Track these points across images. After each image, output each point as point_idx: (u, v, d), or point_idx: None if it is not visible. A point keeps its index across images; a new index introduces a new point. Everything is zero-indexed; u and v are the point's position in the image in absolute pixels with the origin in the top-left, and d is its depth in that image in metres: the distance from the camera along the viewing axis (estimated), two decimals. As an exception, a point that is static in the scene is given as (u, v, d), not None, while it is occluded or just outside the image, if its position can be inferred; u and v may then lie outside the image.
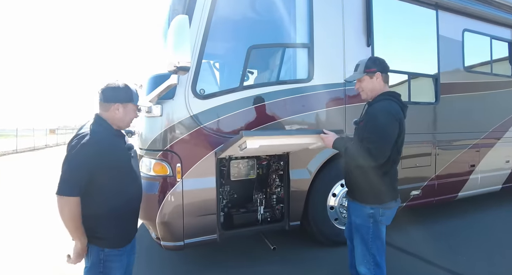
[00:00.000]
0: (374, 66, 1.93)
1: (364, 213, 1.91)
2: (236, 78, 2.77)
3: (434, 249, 3.30)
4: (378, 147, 1.76)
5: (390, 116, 1.81)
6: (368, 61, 1.95)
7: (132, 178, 1.67)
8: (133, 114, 1.68)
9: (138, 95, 1.70)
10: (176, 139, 2.55)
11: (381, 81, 1.94)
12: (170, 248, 2.65)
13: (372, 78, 1.93)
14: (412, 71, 3.77)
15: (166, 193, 2.53)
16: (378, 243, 1.91)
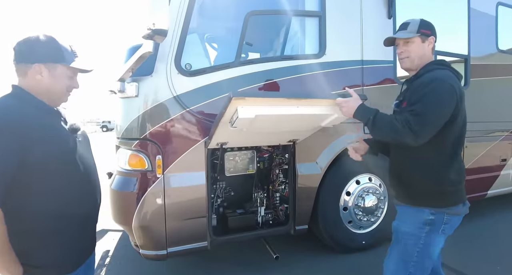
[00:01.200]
0: (428, 29, 1.50)
1: (419, 218, 1.42)
2: (231, 51, 2.26)
3: (463, 256, 2.81)
4: (422, 121, 1.30)
5: (448, 86, 1.34)
6: (422, 21, 1.51)
7: (80, 174, 1.18)
8: (67, 81, 1.17)
9: (75, 53, 1.19)
10: (155, 126, 2.07)
11: (431, 49, 1.53)
12: (151, 258, 2.20)
13: (424, 43, 1.50)
14: (439, 49, 3.21)
15: (144, 191, 2.06)
16: (425, 262, 1.42)
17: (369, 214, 2.84)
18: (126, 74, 1.96)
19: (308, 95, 1.56)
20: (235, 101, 1.35)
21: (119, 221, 2.20)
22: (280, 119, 1.64)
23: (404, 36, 1.51)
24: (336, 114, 1.63)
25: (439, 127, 1.34)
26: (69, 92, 1.21)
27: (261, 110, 1.45)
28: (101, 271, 2.66)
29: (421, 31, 1.47)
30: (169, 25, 2.04)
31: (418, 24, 1.49)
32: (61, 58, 1.12)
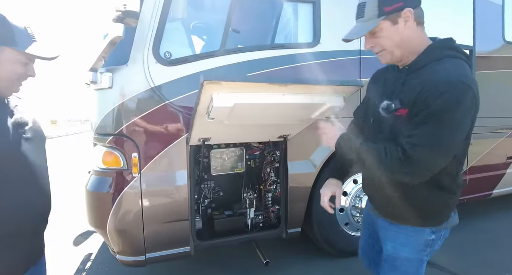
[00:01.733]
0: (394, 1, 1.01)
1: (420, 240, 1.15)
2: (216, 39, 2.06)
3: (466, 261, 2.62)
4: (434, 156, 0.96)
5: (470, 94, 0.94)
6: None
7: (21, 174, 0.99)
8: (18, 68, 0.98)
9: (31, 37, 0.99)
10: (131, 120, 1.88)
11: (415, 25, 1.04)
12: (129, 264, 2.02)
13: (397, 24, 1.03)
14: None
15: (119, 192, 1.88)
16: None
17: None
18: (97, 63, 1.76)
19: (294, 80, 1.33)
20: (208, 86, 1.15)
21: (93, 225, 2.02)
22: (264, 110, 1.45)
23: (362, 33, 1.07)
24: (328, 103, 1.43)
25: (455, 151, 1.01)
26: (21, 80, 1.03)
27: (240, 98, 1.25)
28: (80, 277, 2.49)
29: (385, 11, 1.00)
30: (147, 8, 1.87)
31: (376, 2, 1.02)
32: (10, 41, 0.94)
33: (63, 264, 2.69)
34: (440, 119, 0.94)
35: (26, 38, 0.98)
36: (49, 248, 2.98)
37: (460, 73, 0.98)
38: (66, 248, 3.02)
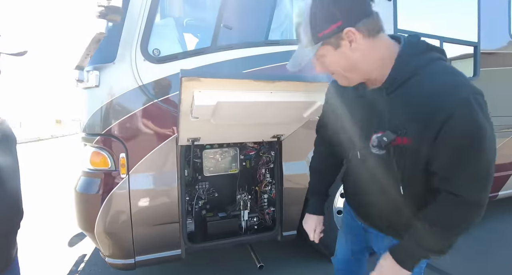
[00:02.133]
0: (331, 19, 0.78)
1: None
2: (207, 35, 2.00)
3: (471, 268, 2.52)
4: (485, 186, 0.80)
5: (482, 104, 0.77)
6: (311, 15, 0.79)
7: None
8: None
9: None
10: (118, 120, 1.82)
11: (367, 41, 0.81)
12: (118, 267, 1.97)
13: (339, 48, 0.81)
14: (446, 35, 2.91)
15: (107, 193, 1.82)
16: None
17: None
18: (82, 61, 1.71)
19: (282, 76, 1.24)
20: (188, 83, 1.08)
21: (82, 227, 1.97)
22: (251, 109, 1.37)
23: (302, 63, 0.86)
24: (319, 101, 1.35)
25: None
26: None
27: (223, 96, 1.18)
28: (72, 279, 2.45)
29: (319, 37, 0.79)
30: (135, 4, 1.81)
31: (309, 24, 0.80)
32: None
33: (57, 265, 2.66)
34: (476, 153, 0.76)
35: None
36: (44, 249, 2.95)
37: (460, 81, 0.77)
38: (61, 249, 2.99)
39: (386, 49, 0.85)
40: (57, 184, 5.94)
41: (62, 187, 5.52)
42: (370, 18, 0.81)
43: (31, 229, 3.56)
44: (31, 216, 3.98)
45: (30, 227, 3.62)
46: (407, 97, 0.81)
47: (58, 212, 4.15)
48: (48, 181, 6.37)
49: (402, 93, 0.82)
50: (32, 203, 4.63)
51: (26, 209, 1.08)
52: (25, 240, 3.17)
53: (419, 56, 0.83)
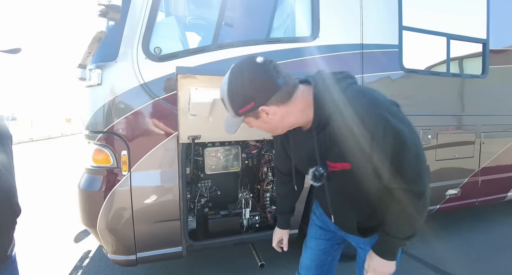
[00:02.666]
0: (245, 100, 0.91)
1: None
2: (209, 33, 2.00)
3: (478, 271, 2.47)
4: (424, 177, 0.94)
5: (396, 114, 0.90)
6: (229, 96, 0.93)
7: None
8: None
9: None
10: (120, 118, 1.84)
11: (281, 109, 0.93)
12: (120, 263, 1.99)
13: (260, 117, 0.95)
14: (453, 32, 2.85)
15: (109, 190, 1.85)
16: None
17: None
18: (84, 59, 1.73)
19: None
20: (183, 81, 1.08)
21: (85, 223, 2.00)
22: None
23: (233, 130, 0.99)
24: None
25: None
26: None
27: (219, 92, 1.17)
28: (77, 273, 2.49)
29: (239, 113, 0.93)
30: (136, 2, 1.82)
31: (229, 104, 0.94)
32: None
33: (62, 260, 2.71)
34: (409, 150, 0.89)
35: None
36: (50, 245, 3.00)
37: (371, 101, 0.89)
38: (66, 245, 3.04)
39: (302, 101, 0.95)
40: (65, 181, 6.05)
41: (69, 185, 5.61)
42: (279, 91, 0.90)
43: (38, 225, 3.63)
44: (39, 213, 4.06)
45: (38, 224, 3.69)
46: (335, 131, 0.93)
47: (65, 209, 4.22)
48: (56, 179, 6.48)
49: (330, 129, 0.94)
50: (40, 201, 4.72)
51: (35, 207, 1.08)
52: (32, 237, 3.24)
53: (330, 92, 0.93)
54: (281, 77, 0.90)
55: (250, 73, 0.90)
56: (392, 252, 1.03)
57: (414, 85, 2.65)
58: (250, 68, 0.90)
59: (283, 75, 0.91)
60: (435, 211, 2.89)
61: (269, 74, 0.89)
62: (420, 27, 2.65)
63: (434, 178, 2.78)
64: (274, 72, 0.89)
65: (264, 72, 0.89)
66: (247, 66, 0.91)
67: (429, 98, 2.73)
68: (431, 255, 2.69)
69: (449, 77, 2.87)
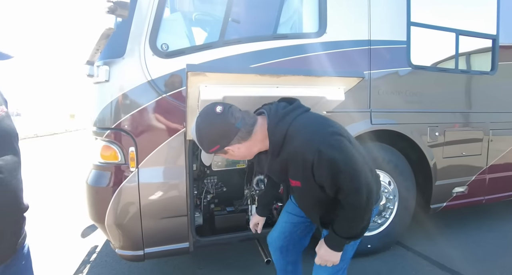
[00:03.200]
0: (211, 144, 1.13)
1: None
2: (215, 29, 1.99)
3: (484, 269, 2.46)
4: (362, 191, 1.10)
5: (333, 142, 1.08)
6: (198, 141, 1.15)
7: None
8: None
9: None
10: (128, 114, 1.84)
11: (244, 144, 1.15)
12: (128, 259, 2.01)
13: (227, 153, 1.18)
14: (461, 28, 2.81)
15: (117, 186, 1.86)
16: None
17: (375, 215, 2.54)
18: (92, 56, 1.73)
19: (288, 70, 1.23)
20: (194, 78, 1.08)
21: (93, 219, 2.02)
22: (257, 103, 1.37)
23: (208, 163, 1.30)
24: (327, 96, 1.33)
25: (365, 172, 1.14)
26: None
27: (230, 91, 1.18)
28: (84, 268, 2.52)
29: (210, 152, 1.16)
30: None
31: (199, 146, 1.17)
32: None
33: (70, 255, 2.75)
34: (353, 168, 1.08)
35: None
36: (58, 240, 3.04)
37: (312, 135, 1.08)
38: (74, 240, 3.08)
39: (261, 133, 1.15)
40: (71, 177, 6.11)
41: (76, 180, 5.67)
42: (239, 132, 1.11)
43: (45, 221, 3.68)
44: (46, 209, 4.11)
45: (44, 219, 3.74)
46: (287, 157, 1.14)
47: (71, 204, 4.27)
48: (62, 174, 6.55)
49: (283, 155, 1.15)
50: (47, 196, 4.78)
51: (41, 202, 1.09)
52: (39, 232, 3.28)
53: (280, 125, 1.12)
54: (238, 121, 1.09)
55: (212, 123, 1.09)
56: (337, 246, 1.23)
57: (422, 82, 2.62)
58: (212, 118, 1.09)
59: (241, 118, 1.11)
60: (442, 208, 2.87)
61: (228, 122, 1.08)
62: (428, 23, 2.62)
63: (440, 176, 2.77)
64: (232, 119, 1.08)
65: (223, 121, 1.08)
66: (209, 116, 1.10)
67: (437, 95, 2.70)
68: (437, 252, 2.69)
69: (458, 74, 2.84)
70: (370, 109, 2.41)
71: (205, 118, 1.11)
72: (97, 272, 2.45)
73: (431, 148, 2.69)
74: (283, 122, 1.12)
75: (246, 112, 1.15)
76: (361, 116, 2.38)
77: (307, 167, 1.09)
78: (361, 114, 2.39)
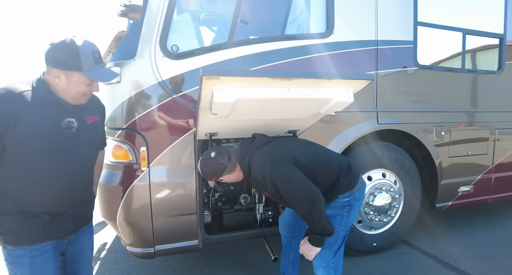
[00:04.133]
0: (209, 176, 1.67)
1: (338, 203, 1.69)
2: (224, 30, 2.01)
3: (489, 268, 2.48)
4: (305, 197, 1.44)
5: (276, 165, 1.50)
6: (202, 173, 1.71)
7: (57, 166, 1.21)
8: (82, 88, 1.21)
9: (95, 61, 1.21)
10: (139, 115, 1.88)
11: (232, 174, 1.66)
12: (138, 256, 2.06)
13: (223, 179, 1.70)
14: (468, 27, 2.80)
15: (128, 185, 1.90)
16: None
17: (381, 213, 2.56)
18: (104, 57, 1.77)
19: (299, 73, 1.27)
20: (208, 81, 1.12)
21: (105, 217, 2.07)
22: (268, 105, 1.39)
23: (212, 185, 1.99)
24: (336, 98, 1.36)
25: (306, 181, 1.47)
26: (86, 96, 1.26)
27: (242, 93, 1.21)
28: (95, 265, 2.58)
29: (211, 180, 1.73)
30: (153, 1, 1.85)
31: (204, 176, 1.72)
32: (77, 67, 1.17)
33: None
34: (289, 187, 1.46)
35: (91, 63, 1.19)
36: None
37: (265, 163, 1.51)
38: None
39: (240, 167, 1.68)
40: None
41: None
42: (228, 168, 1.62)
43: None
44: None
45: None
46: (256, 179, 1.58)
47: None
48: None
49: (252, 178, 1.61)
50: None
51: None
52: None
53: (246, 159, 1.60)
54: (227, 160, 1.60)
55: (208, 164, 1.62)
56: (315, 242, 1.53)
57: (428, 82, 2.63)
58: (208, 160, 1.62)
59: (229, 158, 1.62)
60: (447, 207, 2.89)
61: (219, 162, 1.59)
62: (435, 23, 2.62)
63: (446, 175, 2.78)
64: (222, 160, 1.59)
65: (216, 162, 1.59)
66: (206, 159, 1.63)
67: (443, 95, 2.71)
68: (442, 251, 2.71)
69: (464, 73, 2.84)
70: (376, 108, 2.43)
71: (204, 160, 1.65)
72: (108, 269, 2.51)
73: (437, 147, 2.70)
74: (245, 158, 1.60)
75: (232, 151, 1.67)
76: (367, 115, 2.40)
77: (263, 185, 1.53)
78: (367, 113, 2.40)
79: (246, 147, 1.63)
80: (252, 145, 1.63)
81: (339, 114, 2.16)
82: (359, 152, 2.44)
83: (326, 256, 1.61)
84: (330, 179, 1.58)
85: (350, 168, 1.64)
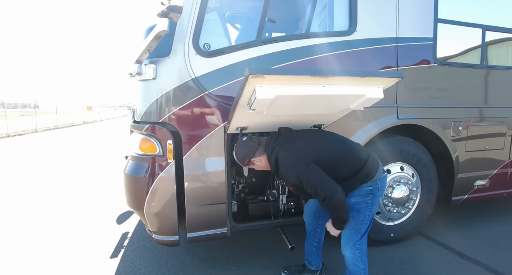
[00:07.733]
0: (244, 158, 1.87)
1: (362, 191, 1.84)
2: (253, 29, 2.10)
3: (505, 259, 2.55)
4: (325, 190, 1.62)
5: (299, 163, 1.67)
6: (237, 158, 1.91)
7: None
8: None
9: None
10: (173, 110, 1.99)
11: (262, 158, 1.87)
12: (164, 243, 2.18)
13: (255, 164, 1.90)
14: (489, 23, 2.83)
15: (155, 177, 2.01)
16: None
17: (399, 205, 2.65)
18: (142, 55, 1.88)
19: (335, 72, 1.37)
20: (252, 80, 1.21)
21: (132, 206, 2.19)
22: (303, 101, 1.49)
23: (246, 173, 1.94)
24: (368, 94, 1.44)
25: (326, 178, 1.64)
26: None
27: (282, 90, 1.30)
28: (125, 251, 2.73)
29: (244, 164, 1.88)
30: (186, 1, 1.93)
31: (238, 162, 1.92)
32: None
33: (106, 240, 2.96)
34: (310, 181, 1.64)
35: None
36: (94, 226, 3.25)
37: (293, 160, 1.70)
38: (109, 225, 3.31)
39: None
40: (99, 166, 6.40)
41: (104, 169, 5.95)
42: (257, 151, 1.84)
43: (81, 207, 3.93)
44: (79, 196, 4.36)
45: (80, 205, 3.99)
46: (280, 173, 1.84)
47: (104, 191, 4.52)
48: (85, 163, 6.85)
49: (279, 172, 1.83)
50: (76, 185, 5.05)
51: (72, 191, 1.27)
52: (77, 217, 3.52)
53: (273, 154, 1.79)
54: (256, 143, 1.85)
55: (241, 146, 1.86)
56: (336, 225, 1.77)
57: (447, 78, 2.68)
58: (241, 143, 1.87)
59: (259, 141, 1.87)
60: (463, 201, 2.96)
61: (250, 145, 1.84)
62: (455, 19, 2.66)
63: (463, 169, 2.85)
64: (252, 143, 1.85)
65: (247, 144, 1.85)
66: (239, 143, 1.88)
67: (462, 90, 2.76)
68: (458, 242, 2.79)
69: (483, 69, 2.87)
70: (396, 104, 2.50)
71: (237, 145, 1.89)
72: (138, 255, 2.66)
73: (454, 142, 2.77)
74: (272, 153, 1.79)
75: (261, 139, 1.91)
76: (388, 111, 2.48)
77: (290, 179, 1.75)
78: (388, 109, 2.48)
79: (273, 142, 1.80)
80: (279, 141, 1.79)
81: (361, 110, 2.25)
82: (378, 146, 2.52)
83: (353, 237, 1.80)
84: (351, 170, 1.72)
85: (369, 159, 1.77)
